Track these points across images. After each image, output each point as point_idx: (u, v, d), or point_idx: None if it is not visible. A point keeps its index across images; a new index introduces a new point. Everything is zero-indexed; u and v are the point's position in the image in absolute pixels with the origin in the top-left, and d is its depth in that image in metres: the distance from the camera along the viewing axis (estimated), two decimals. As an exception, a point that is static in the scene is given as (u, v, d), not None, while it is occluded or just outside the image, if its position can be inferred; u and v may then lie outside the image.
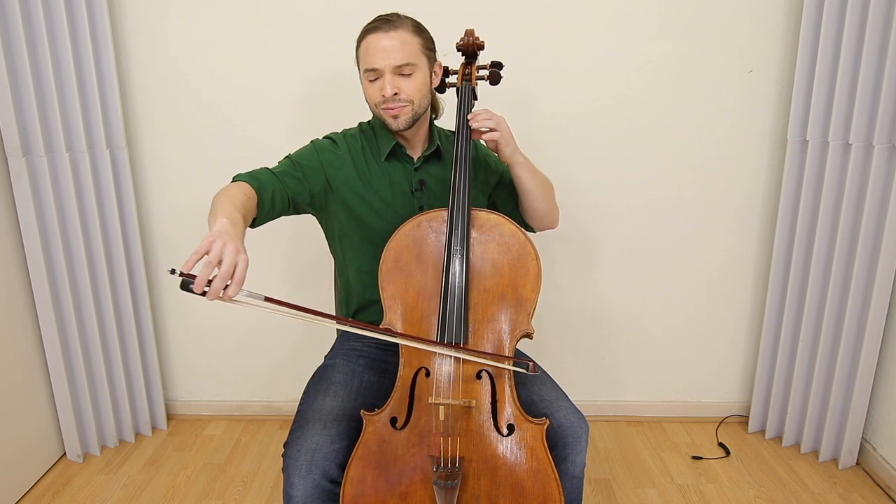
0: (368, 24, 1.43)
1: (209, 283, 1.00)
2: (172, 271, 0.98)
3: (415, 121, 1.46)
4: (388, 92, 1.40)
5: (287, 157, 1.51)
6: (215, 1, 2.11)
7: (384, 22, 1.41)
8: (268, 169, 1.45)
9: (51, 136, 1.98)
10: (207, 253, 1.02)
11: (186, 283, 0.99)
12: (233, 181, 1.40)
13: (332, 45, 2.13)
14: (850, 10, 1.88)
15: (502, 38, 1.94)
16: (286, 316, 1.08)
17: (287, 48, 2.14)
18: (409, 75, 1.41)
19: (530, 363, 1.31)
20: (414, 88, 1.43)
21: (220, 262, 1.01)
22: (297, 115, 2.20)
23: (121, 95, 2.10)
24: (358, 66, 1.48)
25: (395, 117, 1.43)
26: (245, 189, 1.34)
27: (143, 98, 2.19)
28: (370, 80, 1.43)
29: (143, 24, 2.12)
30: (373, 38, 1.40)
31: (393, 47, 1.39)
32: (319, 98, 2.19)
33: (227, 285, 1.01)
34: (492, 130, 1.43)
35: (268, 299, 1.04)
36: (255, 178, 1.40)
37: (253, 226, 1.38)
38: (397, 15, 1.43)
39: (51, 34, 1.92)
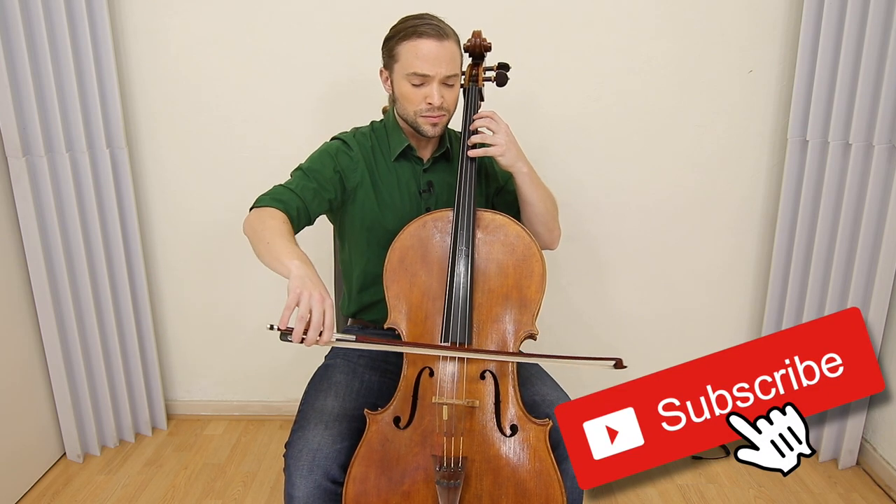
0: (414, 26, 1.38)
1: (305, 331, 1.13)
2: (271, 327, 1.13)
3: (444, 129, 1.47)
4: (437, 101, 1.39)
5: (298, 168, 1.48)
6: (215, 1, 2.10)
7: (434, 28, 1.37)
8: (283, 186, 1.42)
9: (51, 136, 1.97)
10: (298, 304, 1.12)
11: (285, 336, 1.13)
12: (256, 205, 1.38)
13: (332, 46, 2.13)
14: (850, 10, 1.88)
15: (502, 37, 1.94)
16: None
17: (287, 48, 2.14)
18: (452, 86, 1.42)
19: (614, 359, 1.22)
20: (454, 100, 1.44)
21: (310, 312, 1.12)
22: (296, 116, 2.20)
23: (121, 95, 2.10)
24: (391, 63, 1.43)
25: (434, 125, 1.43)
26: (278, 215, 1.34)
27: (143, 98, 2.19)
28: (414, 85, 1.40)
29: (143, 24, 2.12)
30: (425, 43, 1.37)
31: (445, 57, 1.38)
32: (319, 98, 2.18)
33: (321, 332, 1.13)
34: (487, 145, 1.40)
35: (359, 339, 1.21)
36: (277, 201, 1.38)
37: None
38: (440, 21, 1.40)
39: (51, 34, 1.91)
